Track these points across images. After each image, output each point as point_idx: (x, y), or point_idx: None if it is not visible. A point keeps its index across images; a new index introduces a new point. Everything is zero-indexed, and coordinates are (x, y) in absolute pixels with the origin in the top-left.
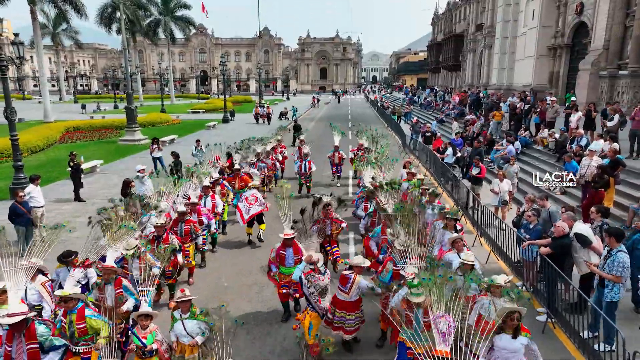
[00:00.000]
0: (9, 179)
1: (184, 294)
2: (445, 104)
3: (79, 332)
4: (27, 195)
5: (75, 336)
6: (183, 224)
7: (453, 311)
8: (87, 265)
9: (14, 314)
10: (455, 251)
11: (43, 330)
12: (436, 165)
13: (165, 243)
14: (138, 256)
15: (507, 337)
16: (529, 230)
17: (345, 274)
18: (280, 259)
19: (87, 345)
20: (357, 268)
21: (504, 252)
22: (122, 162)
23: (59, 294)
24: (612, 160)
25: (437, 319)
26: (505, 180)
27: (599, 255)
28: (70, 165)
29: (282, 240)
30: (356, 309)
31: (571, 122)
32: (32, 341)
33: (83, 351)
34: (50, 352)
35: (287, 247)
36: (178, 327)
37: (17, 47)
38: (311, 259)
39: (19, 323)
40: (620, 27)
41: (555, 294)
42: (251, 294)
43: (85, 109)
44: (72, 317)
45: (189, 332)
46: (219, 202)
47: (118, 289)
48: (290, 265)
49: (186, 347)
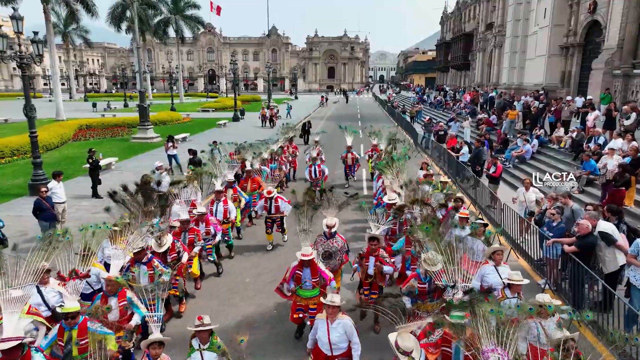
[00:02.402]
0: (26, 175)
1: (201, 321)
2: (456, 103)
3: (79, 350)
4: (50, 191)
5: (73, 355)
6: (187, 234)
7: (505, 343)
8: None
9: (7, 339)
10: (494, 263)
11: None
12: (451, 164)
13: (172, 253)
14: (147, 262)
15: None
16: (552, 228)
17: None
18: (295, 280)
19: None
20: (329, 308)
21: (525, 250)
22: (135, 159)
23: (59, 310)
24: (634, 159)
25: (487, 352)
26: (532, 189)
27: (625, 253)
28: (89, 162)
29: (299, 261)
30: None
31: (588, 120)
32: None
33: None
34: None
35: (304, 267)
36: (197, 359)
37: (37, 46)
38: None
39: (14, 349)
40: (634, 26)
41: (581, 292)
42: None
43: (96, 107)
44: (72, 334)
45: None
46: (231, 208)
47: (122, 301)
48: (308, 288)
49: None
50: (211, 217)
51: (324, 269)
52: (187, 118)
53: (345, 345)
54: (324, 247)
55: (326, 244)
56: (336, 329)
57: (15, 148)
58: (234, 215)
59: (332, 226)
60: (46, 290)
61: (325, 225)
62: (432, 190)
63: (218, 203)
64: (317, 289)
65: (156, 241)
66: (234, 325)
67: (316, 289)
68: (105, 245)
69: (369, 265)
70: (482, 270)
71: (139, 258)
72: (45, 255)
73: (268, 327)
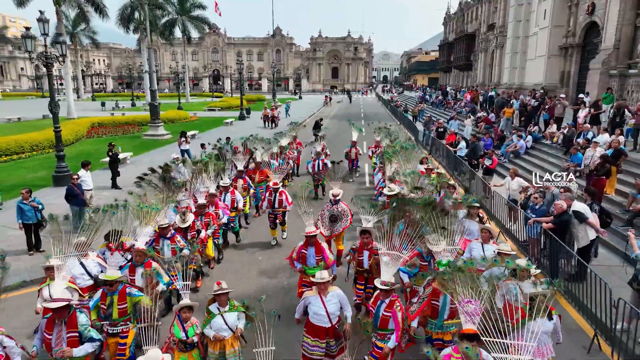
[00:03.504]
0: (47, 168)
1: (220, 286)
2: (457, 102)
3: (119, 313)
4: (80, 179)
5: (114, 317)
6: (203, 217)
7: (481, 296)
8: (124, 248)
9: (57, 299)
10: (481, 241)
11: (84, 320)
12: (449, 158)
13: (192, 231)
14: (170, 237)
15: (542, 321)
16: (535, 210)
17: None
18: (301, 259)
19: (125, 325)
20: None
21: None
22: (148, 154)
23: (102, 277)
24: (616, 150)
25: (463, 303)
26: (516, 179)
27: (596, 230)
28: (109, 155)
29: (305, 239)
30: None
31: (579, 117)
32: (72, 330)
33: (121, 331)
34: (85, 344)
35: (309, 246)
36: (218, 322)
37: (60, 46)
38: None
39: (62, 309)
40: (630, 27)
41: (557, 265)
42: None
43: (104, 106)
44: (113, 299)
45: (230, 325)
46: (239, 198)
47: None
48: (312, 265)
49: (226, 341)
50: (220, 202)
51: (327, 251)
52: (194, 117)
53: (339, 312)
54: (330, 211)
55: (331, 209)
56: (331, 301)
57: (34, 144)
58: (241, 204)
59: (337, 195)
60: (87, 262)
61: (331, 194)
62: (429, 181)
63: (226, 194)
64: (320, 266)
65: (180, 217)
66: (249, 293)
67: (320, 266)
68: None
69: (363, 259)
70: (471, 245)
71: (163, 233)
72: (90, 231)
73: (280, 295)
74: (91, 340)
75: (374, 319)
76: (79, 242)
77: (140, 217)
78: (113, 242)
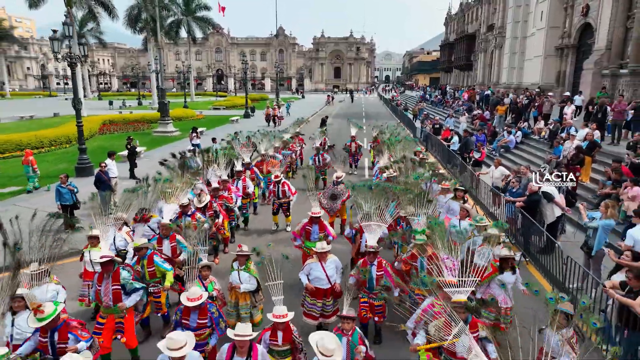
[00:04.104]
0: (67, 161)
1: (241, 249)
2: (455, 101)
3: (149, 274)
4: (107, 167)
5: (147, 278)
6: (217, 200)
7: (455, 253)
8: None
9: (105, 256)
10: (459, 218)
11: (125, 275)
12: (443, 152)
13: (209, 211)
14: (191, 215)
15: (508, 274)
16: (512, 193)
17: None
18: (306, 234)
19: (155, 286)
20: (322, 254)
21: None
22: (159, 150)
23: (132, 245)
24: (590, 142)
25: (443, 259)
26: (500, 167)
27: (562, 209)
28: (127, 148)
29: (310, 217)
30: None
31: (566, 114)
32: (116, 283)
33: (154, 291)
34: (132, 294)
35: (313, 224)
36: (234, 276)
37: (83, 47)
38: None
39: (108, 263)
40: (621, 29)
41: (529, 240)
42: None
43: (112, 105)
44: (143, 262)
45: (243, 281)
46: (249, 184)
47: (173, 243)
48: (315, 240)
49: (240, 295)
50: (233, 187)
51: (329, 228)
52: (200, 115)
53: (336, 276)
54: (331, 191)
55: (333, 189)
56: (329, 266)
57: (53, 139)
58: (252, 190)
59: (339, 177)
60: (117, 234)
61: (335, 176)
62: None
63: (238, 181)
64: (321, 238)
65: (197, 198)
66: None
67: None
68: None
69: (361, 241)
70: (451, 221)
71: (185, 211)
72: (124, 207)
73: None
74: (135, 290)
75: (369, 282)
76: (116, 217)
77: (164, 196)
78: (139, 215)
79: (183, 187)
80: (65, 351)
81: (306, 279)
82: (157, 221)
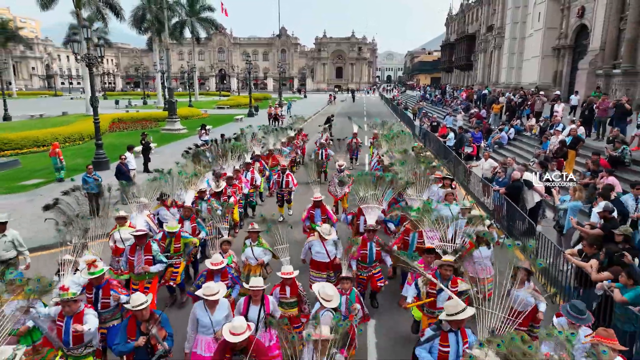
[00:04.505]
0: (82, 156)
1: (253, 227)
2: (454, 100)
3: (174, 249)
4: (126, 159)
5: (171, 252)
6: (230, 188)
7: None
8: (179, 205)
9: (140, 230)
10: (447, 203)
11: (155, 247)
12: (439, 147)
13: (224, 196)
14: (207, 200)
15: (484, 249)
16: (498, 182)
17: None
18: (310, 217)
19: (178, 259)
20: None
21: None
22: (169, 146)
23: (166, 229)
24: (574, 137)
25: (427, 232)
26: (489, 160)
27: (540, 195)
28: (142, 143)
29: (313, 202)
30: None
31: (556, 112)
32: (148, 254)
33: (175, 263)
34: (157, 264)
35: (316, 208)
36: (248, 252)
37: (100, 49)
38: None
39: (142, 236)
40: (615, 30)
41: (512, 224)
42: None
43: (118, 104)
44: (171, 239)
45: (256, 256)
46: (257, 177)
47: (193, 224)
48: (318, 222)
49: (252, 267)
50: (243, 177)
51: (330, 212)
52: (205, 114)
53: (335, 251)
54: (338, 177)
55: (339, 176)
56: (329, 242)
57: (67, 136)
58: (259, 181)
59: (342, 165)
60: (140, 216)
61: (337, 165)
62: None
63: (247, 172)
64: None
65: (215, 183)
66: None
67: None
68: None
69: (359, 223)
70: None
71: (201, 196)
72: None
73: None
74: (160, 262)
75: (369, 256)
76: (140, 202)
77: (185, 183)
78: (168, 200)
79: (199, 176)
80: (108, 305)
81: (307, 252)
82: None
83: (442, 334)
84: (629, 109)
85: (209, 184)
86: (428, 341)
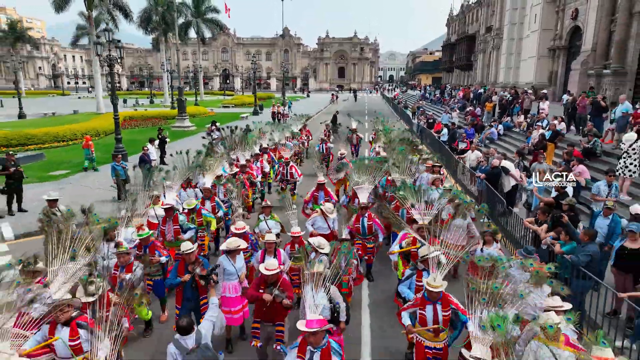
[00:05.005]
0: (100, 150)
1: (266, 202)
2: (452, 99)
3: (198, 223)
4: (148, 150)
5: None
6: (244, 174)
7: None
8: (193, 186)
9: (167, 204)
10: (434, 187)
11: (182, 218)
12: (434, 142)
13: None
14: (223, 184)
15: (460, 220)
16: (481, 170)
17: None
18: (314, 199)
19: (202, 232)
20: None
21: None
22: (179, 142)
23: (185, 206)
24: (553, 131)
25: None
26: (475, 151)
27: (516, 180)
28: (159, 138)
29: (316, 185)
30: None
31: (542, 109)
32: (176, 224)
33: (198, 237)
34: (187, 232)
35: (319, 190)
36: (262, 225)
37: (120, 50)
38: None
39: (169, 209)
40: (606, 32)
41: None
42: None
43: (126, 103)
44: (193, 216)
45: (270, 227)
46: (266, 165)
47: (213, 203)
48: (321, 202)
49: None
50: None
51: (332, 193)
52: (211, 112)
53: (334, 225)
54: (337, 166)
55: (338, 163)
56: (329, 218)
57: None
58: (268, 169)
59: (343, 154)
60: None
61: (339, 153)
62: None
63: (256, 162)
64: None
65: (229, 168)
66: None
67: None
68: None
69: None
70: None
71: (218, 179)
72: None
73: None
74: (189, 229)
75: (362, 230)
76: (167, 185)
77: (204, 169)
78: (185, 183)
79: (217, 163)
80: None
81: (310, 227)
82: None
83: (417, 272)
84: (604, 106)
85: (225, 170)
86: (407, 278)
